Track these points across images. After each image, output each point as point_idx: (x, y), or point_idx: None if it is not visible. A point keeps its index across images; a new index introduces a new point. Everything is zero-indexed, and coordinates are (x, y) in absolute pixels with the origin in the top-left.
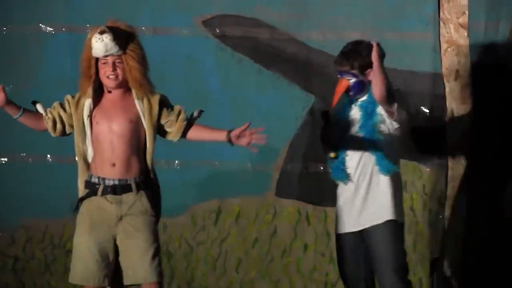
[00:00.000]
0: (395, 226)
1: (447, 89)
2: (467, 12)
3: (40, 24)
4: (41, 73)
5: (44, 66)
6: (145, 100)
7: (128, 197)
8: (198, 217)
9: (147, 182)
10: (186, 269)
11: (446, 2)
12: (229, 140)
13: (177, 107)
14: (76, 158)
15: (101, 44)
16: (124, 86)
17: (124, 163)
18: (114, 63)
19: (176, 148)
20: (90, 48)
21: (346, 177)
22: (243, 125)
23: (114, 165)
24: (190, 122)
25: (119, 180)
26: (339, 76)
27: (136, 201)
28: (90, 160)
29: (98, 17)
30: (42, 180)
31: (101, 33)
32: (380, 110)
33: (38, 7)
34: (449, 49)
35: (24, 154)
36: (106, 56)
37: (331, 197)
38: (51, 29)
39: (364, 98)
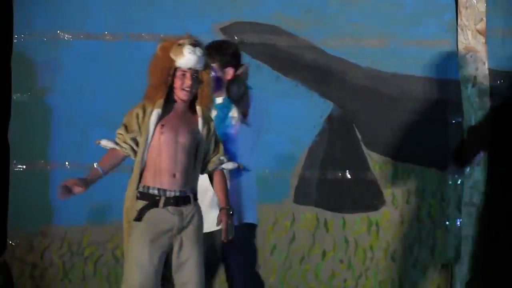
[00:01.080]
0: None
1: (464, 96)
2: (484, 18)
3: (59, 31)
4: (59, 79)
5: (63, 72)
6: (207, 120)
7: (187, 209)
8: None
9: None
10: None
11: (464, 8)
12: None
13: (221, 144)
14: (134, 168)
15: (193, 56)
16: (205, 101)
17: (184, 174)
18: (192, 76)
19: None
20: (168, 57)
21: None
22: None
23: (174, 176)
24: (219, 167)
25: (180, 191)
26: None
27: (194, 213)
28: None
29: (116, 25)
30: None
31: (194, 45)
32: (233, 113)
33: (57, 15)
34: (467, 55)
35: (43, 161)
36: (190, 68)
37: (349, 203)
38: (69, 36)
39: (220, 100)
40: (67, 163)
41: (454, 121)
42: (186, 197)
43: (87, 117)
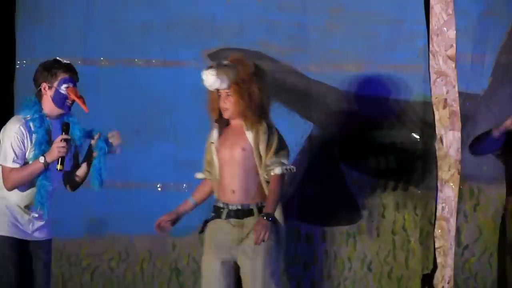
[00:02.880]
0: None
1: (436, 117)
2: (454, 45)
3: (58, 57)
4: None
5: None
6: (254, 131)
7: (249, 221)
8: None
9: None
10: (193, 285)
11: (435, 36)
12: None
13: (272, 150)
14: (212, 186)
15: (210, 78)
16: (241, 116)
17: (242, 189)
18: (225, 96)
19: (184, 171)
20: None
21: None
22: None
23: (233, 191)
24: (270, 173)
25: (242, 205)
26: (71, 84)
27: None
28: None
29: (112, 51)
30: (59, 203)
31: (207, 68)
32: None
33: (57, 42)
34: (438, 79)
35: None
36: (218, 89)
37: (329, 217)
38: (67, 61)
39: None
40: None
41: (426, 140)
42: (249, 210)
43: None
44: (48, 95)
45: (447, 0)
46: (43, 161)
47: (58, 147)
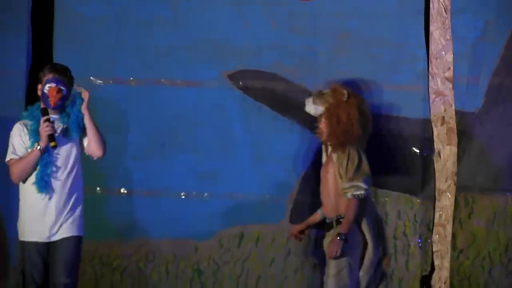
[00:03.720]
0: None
1: (435, 133)
2: (452, 67)
3: (91, 77)
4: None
5: (94, 113)
6: (340, 152)
7: (331, 232)
8: (224, 241)
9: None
10: (213, 284)
11: (434, 59)
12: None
13: (347, 174)
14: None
15: (307, 105)
16: (328, 138)
17: (329, 204)
18: (321, 120)
19: (205, 182)
20: None
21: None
22: (263, 164)
23: (325, 206)
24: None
25: (329, 219)
26: (52, 84)
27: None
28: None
29: (140, 72)
30: (92, 209)
31: (308, 96)
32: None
33: (90, 63)
34: (436, 99)
35: None
36: (315, 115)
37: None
38: (100, 81)
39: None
40: (98, 188)
41: (426, 154)
42: (330, 224)
43: (114, 149)
44: (39, 94)
45: (445, 26)
46: (37, 147)
47: (43, 129)
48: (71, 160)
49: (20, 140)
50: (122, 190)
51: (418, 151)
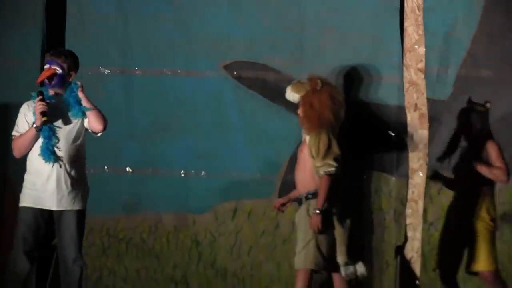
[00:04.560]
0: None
1: (408, 118)
2: (423, 60)
3: (100, 67)
4: (100, 106)
5: (103, 100)
6: (311, 135)
7: (301, 207)
8: (219, 214)
9: (316, 194)
10: (210, 254)
11: (408, 52)
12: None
13: (318, 155)
14: None
15: (286, 93)
16: (302, 123)
17: (300, 182)
18: (299, 106)
19: (203, 161)
20: None
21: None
22: (255, 146)
23: (296, 183)
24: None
25: (299, 195)
26: (47, 64)
27: (302, 209)
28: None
29: (145, 62)
30: (100, 186)
31: (288, 86)
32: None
33: (99, 55)
34: (410, 88)
35: (87, 166)
36: (294, 101)
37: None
38: (108, 71)
39: (65, 94)
40: (105, 167)
41: (400, 137)
42: (300, 200)
43: (120, 132)
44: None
45: (418, 23)
46: (34, 126)
47: (36, 107)
48: (73, 136)
49: (23, 118)
50: (128, 169)
51: (393, 134)
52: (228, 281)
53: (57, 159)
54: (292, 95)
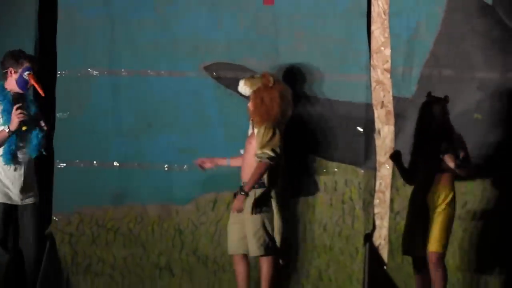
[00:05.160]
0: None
1: (375, 115)
2: (389, 60)
3: (89, 69)
4: (89, 104)
5: (92, 99)
6: (259, 128)
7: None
8: (201, 205)
9: (263, 184)
10: (192, 242)
11: (375, 53)
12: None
13: (257, 143)
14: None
15: (239, 86)
16: (252, 116)
17: (247, 170)
18: (250, 100)
19: (185, 156)
20: None
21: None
22: (234, 141)
23: (243, 171)
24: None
25: (243, 182)
26: (31, 71)
27: (250, 197)
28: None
29: (131, 64)
30: (90, 179)
31: (241, 79)
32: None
33: (88, 56)
34: (377, 86)
35: (77, 161)
36: (245, 95)
37: (294, 190)
38: (96, 72)
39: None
40: (94, 162)
41: (368, 132)
42: (241, 186)
43: (108, 129)
44: (13, 78)
45: (384, 26)
46: (7, 130)
47: (16, 115)
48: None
49: None
50: (115, 163)
51: (362, 130)
52: (209, 268)
53: (18, 163)
54: (244, 88)
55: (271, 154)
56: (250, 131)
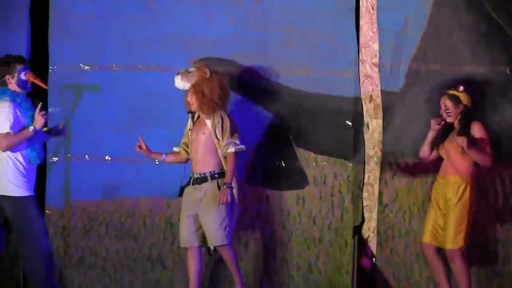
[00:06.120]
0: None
1: (364, 109)
2: (378, 55)
3: (80, 64)
4: (81, 98)
5: (82, 93)
6: (212, 118)
7: (206, 186)
8: None
9: (222, 174)
10: None
11: (363, 48)
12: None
13: (226, 133)
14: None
15: (175, 82)
16: (199, 108)
17: (202, 162)
18: (190, 94)
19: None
20: None
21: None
22: None
23: (197, 163)
24: (225, 152)
25: (200, 173)
26: (26, 70)
27: (209, 188)
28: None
29: (122, 59)
30: (82, 173)
31: (176, 74)
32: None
33: (80, 51)
34: (365, 81)
35: (69, 155)
36: (185, 90)
37: (284, 184)
38: (88, 67)
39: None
40: (86, 156)
41: (357, 126)
42: (204, 177)
43: (100, 123)
44: (12, 83)
45: (372, 21)
46: (32, 129)
47: (43, 116)
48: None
49: (16, 117)
50: (107, 157)
51: (350, 123)
52: None
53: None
54: (182, 84)
55: (238, 143)
56: (190, 124)
